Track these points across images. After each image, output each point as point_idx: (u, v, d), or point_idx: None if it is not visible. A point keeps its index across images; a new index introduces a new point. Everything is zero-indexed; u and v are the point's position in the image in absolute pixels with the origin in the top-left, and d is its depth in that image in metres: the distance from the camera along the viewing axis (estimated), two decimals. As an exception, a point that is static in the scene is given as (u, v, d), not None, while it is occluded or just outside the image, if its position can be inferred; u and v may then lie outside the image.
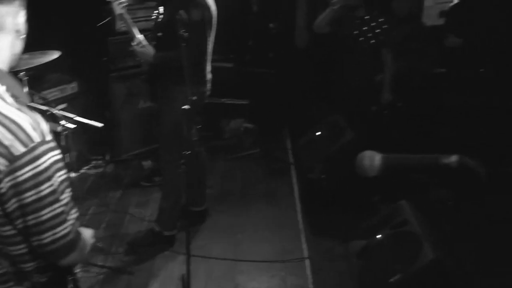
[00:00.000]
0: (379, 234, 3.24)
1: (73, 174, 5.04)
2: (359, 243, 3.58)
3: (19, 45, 1.57)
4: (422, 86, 5.27)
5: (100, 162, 5.40)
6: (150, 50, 3.65)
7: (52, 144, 1.47)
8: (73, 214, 1.53)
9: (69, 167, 4.94)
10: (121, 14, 3.59)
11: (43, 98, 4.46)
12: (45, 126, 1.47)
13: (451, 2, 6.02)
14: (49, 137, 1.46)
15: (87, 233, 1.68)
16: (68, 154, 3.73)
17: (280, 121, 6.31)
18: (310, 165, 4.70)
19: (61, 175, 1.48)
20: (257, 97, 6.12)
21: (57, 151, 1.48)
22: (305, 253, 3.99)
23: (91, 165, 5.34)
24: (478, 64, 5.32)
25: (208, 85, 3.92)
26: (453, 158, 1.45)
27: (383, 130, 4.64)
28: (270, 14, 5.20)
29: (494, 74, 5.31)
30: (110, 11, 3.65)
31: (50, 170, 1.44)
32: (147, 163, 5.35)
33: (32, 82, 4.56)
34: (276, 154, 5.73)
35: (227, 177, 5.28)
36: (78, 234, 1.55)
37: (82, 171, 5.23)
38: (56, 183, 1.46)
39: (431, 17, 6.86)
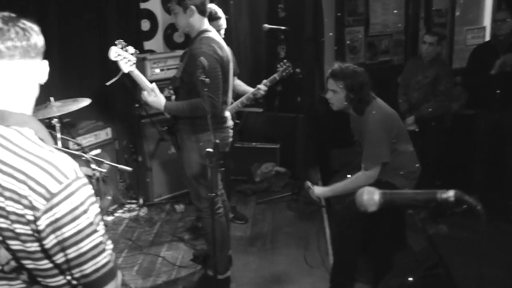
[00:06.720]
0: (411, 276, 3.20)
1: (108, 218, 5.17)
2: (390, 286, 3.55)
3: (37, 91, 1.68)
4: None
5: (134, 206, 5.51)
6: (161, 99, 3.67)
7: (85, 180, 1.55)
8: (109, 245, 1.60)
9: (104, 211, 5.08)
10: (129, 72, 3.53)
11: (78, 144, 4.62)
12: (75, 163, 1.56)
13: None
14: (80, 173, 1.55)
15: None
16: (99, 198, 3.80)
17: (311, 163, 6.35)
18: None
19: (95, 208, 1.56)
20: (288, 141, 6.19)
21: (90, 186, 1.57)
22: (337, 296, 3.94)
23: (125, 209, 5.45)
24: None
25: (230, 131, 3.90)
26: (451, 193, 1.46)
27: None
28: (296, 60, 5.31)
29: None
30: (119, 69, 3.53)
31: (86, 204, 1.51)
32: (179, 207, 5.45)
33: (68, 128, 4.75)
34: (307, 197, 5.72)
35: (257, 220, 5.30)
36: (116, 263, 1.61)
37: (117, 214, 5.34)
38: (92, 215, 1.53)
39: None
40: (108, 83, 3.63)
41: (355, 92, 3.61)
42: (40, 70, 1.64)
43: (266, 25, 5.29)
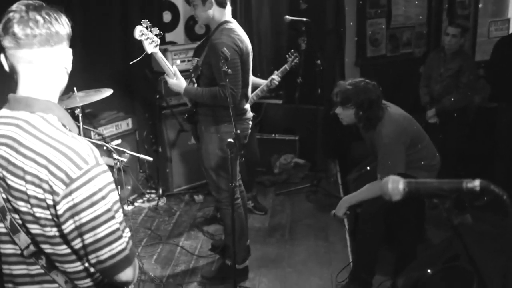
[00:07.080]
0: (430, 268, 3.18)
1: (128, 208, 5.22)
2: (409, 278, 3.53)
3: (65, 80, 1.69)
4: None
5: (153, 196, 5.55)
6: (182, 83, 3.70)
7: (105, 167, 1.57)
8: (127, 232, 1.61)
9: (124, 201, 5.13)
10: (152, 53, 3.53)
11: (99, 134, 4.66)
12: (96, 151, 1.58)
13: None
14: (101, 160, 1.57)
15: None
16: (119, 188, 3.82)
17: (330, 155, 6.33)
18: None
19: (114, 195, 1.57)
20: (307, 133, 6.18)
21: (109, 173, 1.59)
22: (355, 287, 3.94)
23: (145, 199, 5.50)
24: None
25: (249, 123, 3.91)
26: (476, 183, 1.45)
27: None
28: (317, 52, 5.29)
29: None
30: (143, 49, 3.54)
31: (104, 190, 1.54)
32: (198, 197, 5.48)
33: (90, 118, 4.79)
34: (327, 189, 5.73)
35: (276, 211, 5.31)
36: (133, 250, 1.63)
37: (136, 204, 5.39)
38: (110, 202, 1.55)
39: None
40: (131, 62, 3.67)
41: (364, 110, 3.55)
42: (63, 58, 1.65)
43: (288, 17, 5.27)
